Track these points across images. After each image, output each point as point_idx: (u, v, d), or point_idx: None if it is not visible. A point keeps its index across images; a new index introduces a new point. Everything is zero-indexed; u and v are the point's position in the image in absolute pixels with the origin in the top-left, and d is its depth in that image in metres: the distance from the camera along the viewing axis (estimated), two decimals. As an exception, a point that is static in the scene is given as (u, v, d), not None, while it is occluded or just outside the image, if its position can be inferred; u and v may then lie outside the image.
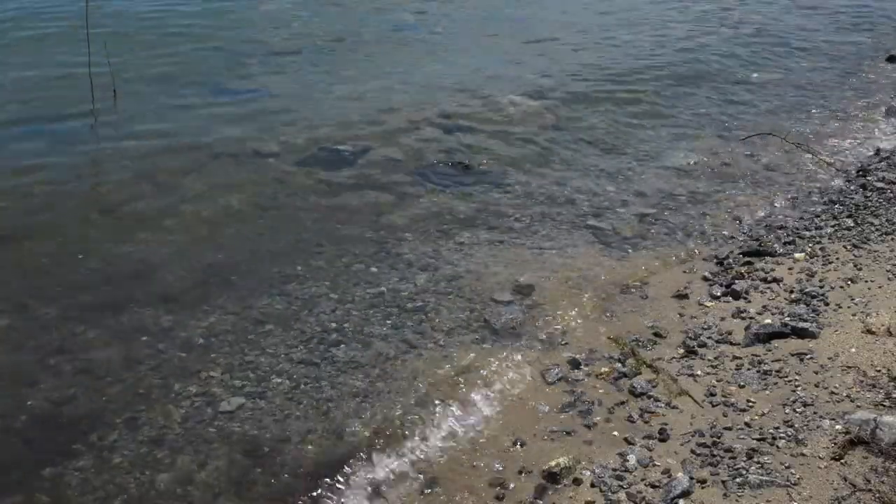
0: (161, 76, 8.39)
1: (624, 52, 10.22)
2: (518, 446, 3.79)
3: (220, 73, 8.63)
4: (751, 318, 4.78)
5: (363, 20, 11.14)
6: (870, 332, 4.40)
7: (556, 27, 11.30)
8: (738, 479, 3.40)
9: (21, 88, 7.83)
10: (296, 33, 10.33)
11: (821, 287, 5.00)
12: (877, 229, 5.78)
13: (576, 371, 4.35)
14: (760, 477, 3.39)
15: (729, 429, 3.78)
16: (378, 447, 3.76)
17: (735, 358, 4.38)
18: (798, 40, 11.10)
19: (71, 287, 4.87)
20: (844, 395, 3.92)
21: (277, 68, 8.91)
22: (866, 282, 5.00)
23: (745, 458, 3.54)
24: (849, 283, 5.01)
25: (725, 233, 5.98)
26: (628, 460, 3.63)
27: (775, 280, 5.18)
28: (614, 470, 3.58)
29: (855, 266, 5.22)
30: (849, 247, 5.52)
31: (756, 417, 3.84)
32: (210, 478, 3.55)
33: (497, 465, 3.67)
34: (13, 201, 5.80)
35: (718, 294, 5.11)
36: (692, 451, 3.64)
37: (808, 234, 5.87)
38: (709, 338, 4.62)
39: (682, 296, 5.12)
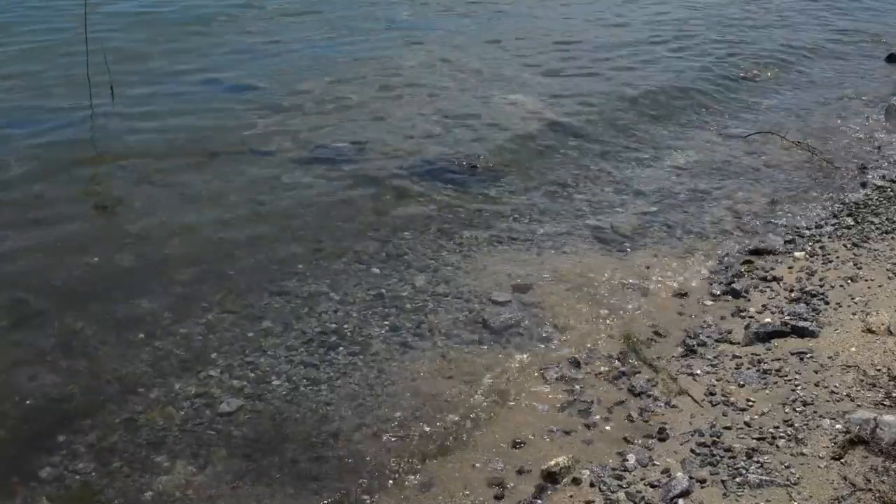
0: (159, 74, 8.37)
1: (623, 51, 10.20)
2: (517, 446, 3.78)
3: (217, 70, 8.61)
4: (750, 316, 4.78)
5: (361, 18, 11.11)
6: (870, 331, 4.40)
7: (556, 26, 11.28)
8: (737, 479, 3.40)
9: (18, 86, 7.82)
10: (294, 31, 10.30)
11: (821, 286, 5.00)
12: (877, 228, 5.78)
13: (575, 370, 4.35)
14: (760, 476, 3.39)
15: (728, 428, 3.78)
16: (377, 448, 3.75)
17: (735, 357, 4.37)
18: (798, 39, 11.10)
19: (69, 284, 4.87)
20: (844, 394, 3.91)
21: (276, 66, 8.89)
22: (866, 280, 5.00)
23: (744, 458, 3.54)
24: (849, 281, 5.00)
25: (725, 231, 5.97)
26: (627, 460, 3.63)
27: (775, 279, 5.18)
28: (613, 469, 3.57)
29: (855, 265, 5.21)
30: (849, 245, 5.52)
31: (756, 417, 3.84)
32: (209, 480, 3.54)
33: (496, 465, 3.66)
34: (11, 199, 5.79)
35: (718, 293, 5.10)
36: (692, 451, 3.64)
37: (807, 232, 5.86)
38: (708, 337, 4.61)
39: (681, 294, 5.11)
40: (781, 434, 3.67)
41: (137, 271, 5.06)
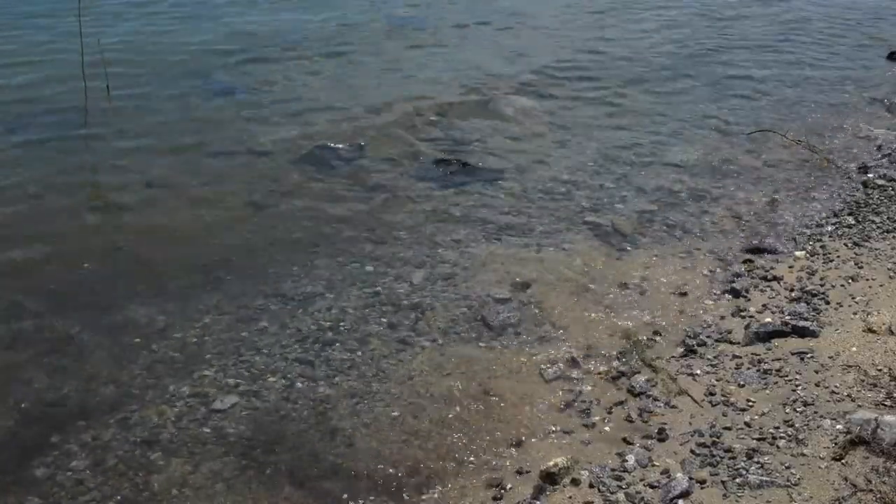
0: (155, 74, 8.35)
1: (622, 49, 10.17)
2: (516, 446, 3.75)
3: (213, 70, 8.58)
4: (751, 316, 4.75)
5: (358, 16, 11.08)
6: (871, 330, 4.38)
7: (554, 22, 11.26)
8: (737, 480, 3.38)
9: (13, 87, 7.79)
10: (291, 31, 10.28)
11: (821, 285, 4.97)
12: (878, 227, 5.76)
13: (574, 370, 4.32)
14: (760, 477, 3.37)
15: (728, 428, 3.76)
16: (374, 448, 3.72)
17: (735, 357, 4.35)
18: (798, 37, 11.07)
19: (64, 286, 4.85)
20: (845, 394, 3.89)
21: (273, 66, 8.86)
22: (867, 280, 4.97)
23: (744, 458, 3.52)
24: (850, 281, 4.98)
25: (725, 230, 5.94)
26: (627, 460, 3.60)
27: (775, 278, 5.15)
28: (613, 470, 3.55)
29: (856, 264, 5.19)
30: (850, 245, 5.50)
31: (756, 417, 3.82)
32: (204, 479, 3.51)
33: (495, 465, 3.64)
34: (7, 201, 5.76)
35: (718, 292, 5.08)
36: (691, 451, 3.62)
37: (808, 231, 5.84)
38: (708, 336, 4.59)
39: (681, 293, 5.08)
40: (782, 434, 3.65)
41: (133, 273, 5.03)
